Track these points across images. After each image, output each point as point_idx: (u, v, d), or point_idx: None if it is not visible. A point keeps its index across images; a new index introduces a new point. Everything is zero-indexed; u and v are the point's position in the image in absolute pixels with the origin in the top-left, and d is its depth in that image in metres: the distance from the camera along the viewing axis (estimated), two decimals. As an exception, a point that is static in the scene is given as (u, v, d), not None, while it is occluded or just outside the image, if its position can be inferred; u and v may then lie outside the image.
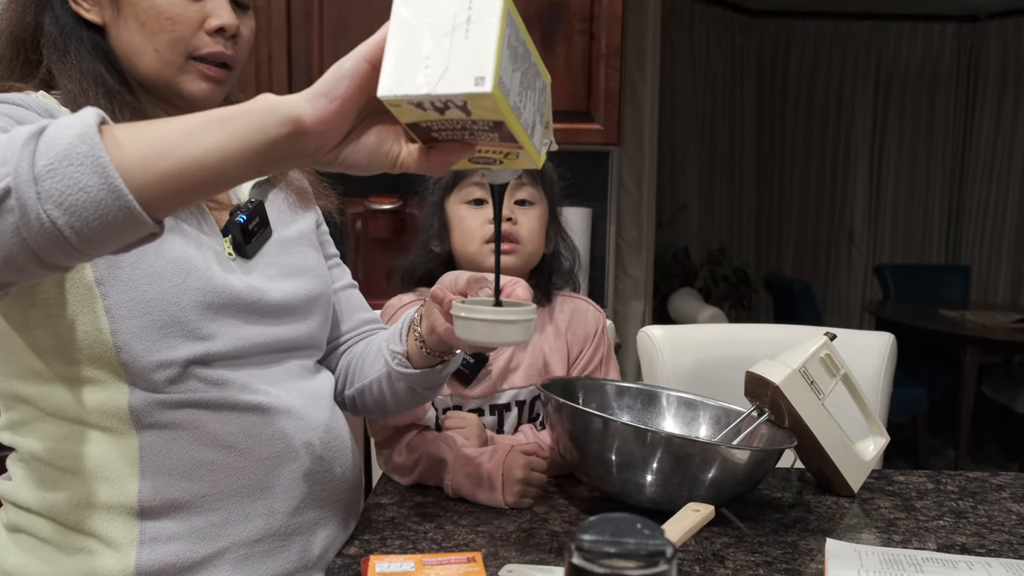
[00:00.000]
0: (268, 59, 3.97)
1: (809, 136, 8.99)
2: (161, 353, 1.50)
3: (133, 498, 1.51)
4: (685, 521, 1.57)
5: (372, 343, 1.91)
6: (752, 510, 1.92)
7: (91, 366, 1.49)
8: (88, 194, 1.07)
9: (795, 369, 1.94)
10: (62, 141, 1.07)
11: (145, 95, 1.63)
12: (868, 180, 8.96)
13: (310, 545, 1.66)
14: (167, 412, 1.52)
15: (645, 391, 2.17)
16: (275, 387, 1.64)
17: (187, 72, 1.60)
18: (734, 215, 8.95)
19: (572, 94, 3.95)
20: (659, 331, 2.71)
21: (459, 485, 1.95)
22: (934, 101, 8.85)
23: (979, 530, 1.84)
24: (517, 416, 2.17)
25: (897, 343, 2.70)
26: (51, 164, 1.07)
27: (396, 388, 1.81)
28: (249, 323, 1.61)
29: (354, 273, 4.12)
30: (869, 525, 1.86)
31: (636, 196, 5.05)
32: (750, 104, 8.85)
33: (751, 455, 1.78)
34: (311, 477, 1.66)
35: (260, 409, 1.60)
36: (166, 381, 1.51)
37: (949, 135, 8.86)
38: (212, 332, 1.55)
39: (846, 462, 2.00)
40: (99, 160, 1.07)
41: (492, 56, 1.11)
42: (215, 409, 1.55)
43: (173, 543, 1.52)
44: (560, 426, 1.87)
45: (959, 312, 6.67)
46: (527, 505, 1.92)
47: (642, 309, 5.10)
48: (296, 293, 1.72)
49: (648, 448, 1.73)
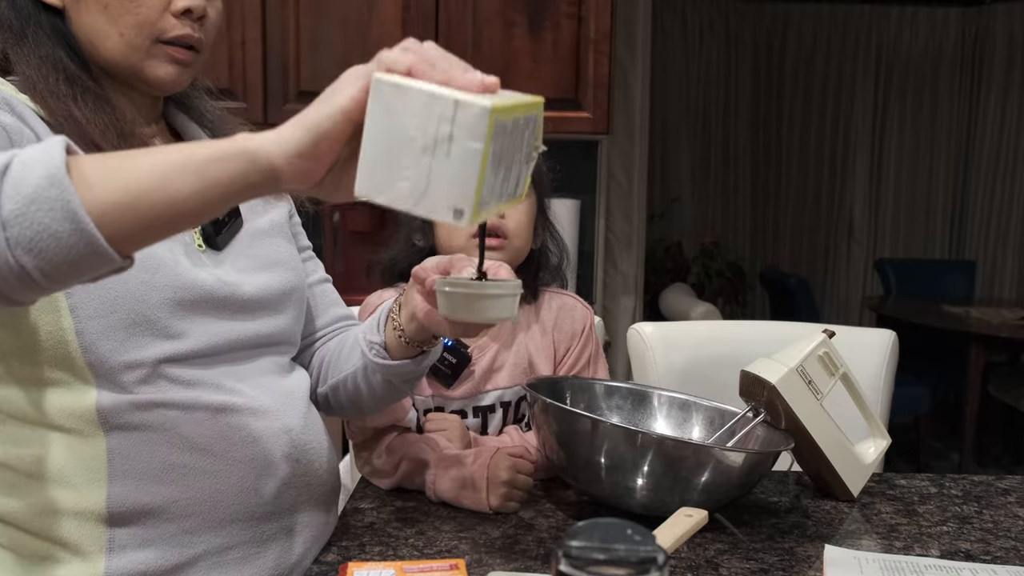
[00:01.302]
0: (242, 43, 3.98)
1: (807, 125, 8.98)
2: (129, 353, 1.50)
3: (101, 504, 1.50)
4: (677, 527, 1.57)
5: (347, 337, 1.91)
6: (747, 515, 1.92)
7: (55, 367, 1.48)
8: (59, 240, 1.10)
9: (792, 368, 1.94)
10: (29, 183, 1.09)
11: (107, 80, 1.62)
12: (869, 171, 8.96)
13: (288, 551, 1.66)
14: (136, 413, 1.51)
15: (635, 391, 2.17)
16: (249, 386, 1.63)
17: (154, 56, 1.59)
18: (728, 207, 8.96)
19: (560, 81, 3.96)
20: (650, 328, 2.71)
21: (442, 488, 1.95)
22: (937, 88, 8.84)
23: (984, 536, 1.84)
24: (502, 418, 2.17)
25: (899, 341, 2.71)
26: (19, 209, 1.08)
27: (372, 381, 1.81)
28: (221, 319, 1.61)
29: (331, 268, 4.12)
30: (869, 531, 1.87)
31: (626, 187, 5.05)
32: (745, 92, 8.86)
33: (746, 458, 1.78)
34: (287, 480, 1.65)
35: (234, 410, 1.59)
36: (135, 381, 1.51)
37: (953, 124, 8.87)
38: (182, 330, 1.55)
39: (845, 465, 2.00)
40: (69, 205, 1.09)
41: (473, 187, 1.12)
42: (187, 410, 1.55)
43: (144, 550, 1.52)
44: (547, 428, 1.87)
45: (963, 308, 6.69)
46: (512, 509, 1.92)
47: (632, 306, 5.10)
48: (270, 286, 1.71)
49: (639, 450, 1.74)
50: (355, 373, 1.83)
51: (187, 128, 1.78)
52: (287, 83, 4.06)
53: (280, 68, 4.04)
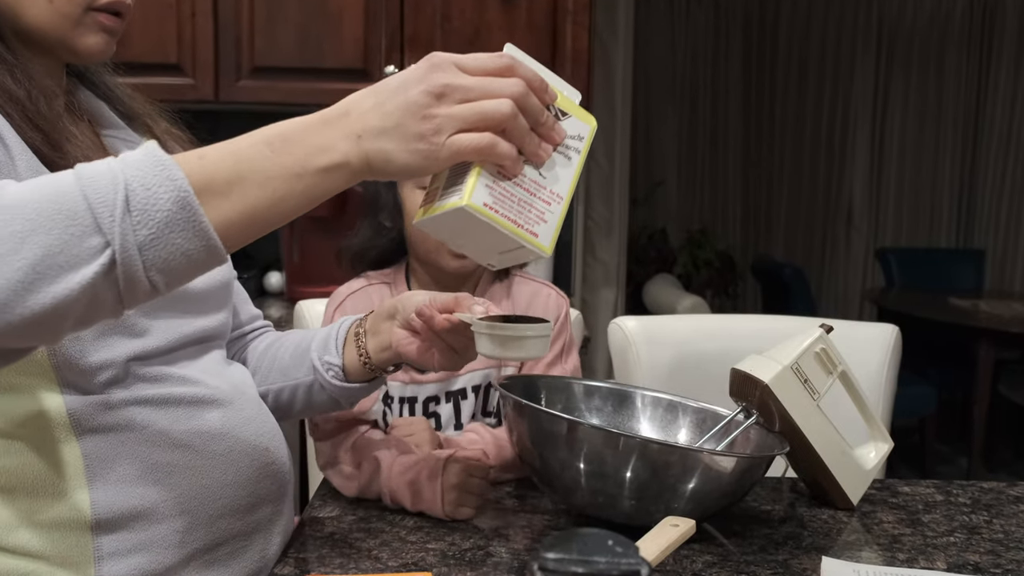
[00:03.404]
0: (192, 15, 3.98)
1: (802, 103, 9.01)
2: (99, 353, 1.52)
3: (85, 511, 1.52)
4: (662, 537, 1.57)
5: (283, 346, 1.97)
6: (738, 525, 1.93)
7: (20, 372, 1.49)
8: (190, 257, 1.24)
9: (786, 366, 1.95)
10: (161, 208, 1.21)
11: (26, 50, 1.59)
12: (869, 153, 8.99)
13: (268, 543, 1.74)
14: (109, 414, 1.54)
15: (617, 391, 2.18)
16: (211, 378, 1.69)
17: (84, 24, 1.58)
18: (718, 192, 8.99)
19: (535, 54, 3.92)
20: (633, 323, 2.71)
21: (398, 495, 1.98)
22: (944, 63, 8.86)
23: (994, 547, 1.85)
24: (473, 404, 2.23)
25: (902, 336, 2.72)
26: (154, 234, 1.21)
27: (317, 398, 1.91)
28: (177, 315, 1.66)
29: (288, 257, 4.09)
30: (870, 542, 1.88)
31: (607, 170, 5.06)
32: (736, 66, 8.88)
33: (737, 463, 1.79)
34: (262, 471, 1.71)
35: (204, 402, 1.65)
36: (105, 382, 1.53)
37: (961, 102, 8.88)
38: (146, 327, 1.60)
39: (844, 471, 2.01)
40: (201, 226, 1.23)
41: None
42: (160, 406, 1.59)
43: (135, 555, 1.55)
44: (520, 429, 1.87)
45: (972, 301, 6.72)
46: (467, 515, 1.94)
47: (614, 298, 5.11)
48: (215, 279, 1.77)
49: (621, 455, 1.74)
50: (298, 386, 1.91)
51: (94, 107, 1.77)
52: (240, 58, 4.05)
53: (233, 42, 4.03)
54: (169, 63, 3.98)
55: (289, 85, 4.07)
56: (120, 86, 1.84)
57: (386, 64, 4.03)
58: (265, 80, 4.08)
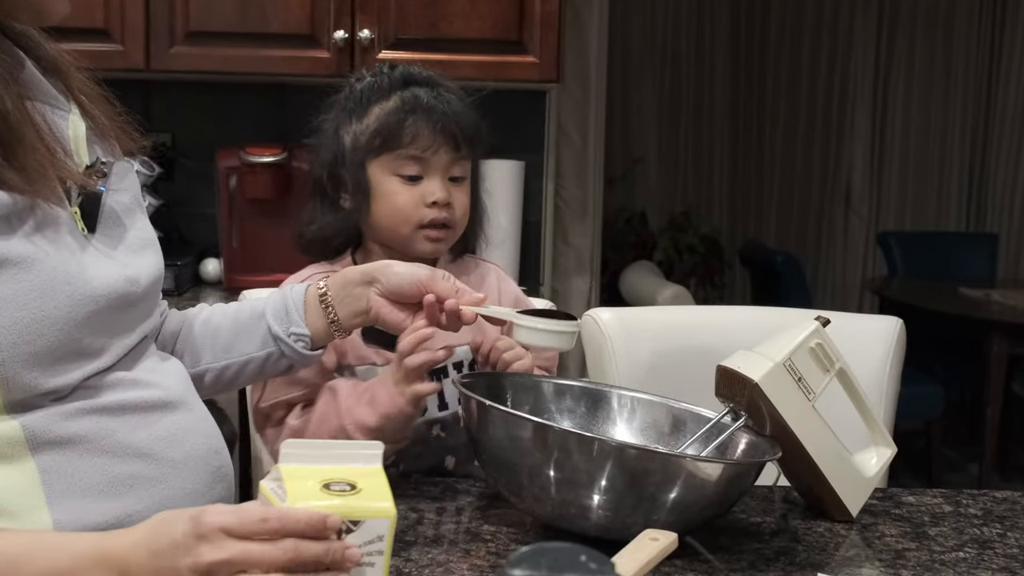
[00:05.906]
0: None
1: (796, 74, 9.02)
2: (55, 379, 1.55)
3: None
4: (641, 552, 1.58)
5: (215, 324, 2.03)
6: (725, 539, 1.93)
7: None
8: None
9: (778, 363, 1.95)
10: None
11: None
12: (870, 128, 9.01)
13: None
14: (63, 424, 1.56)
15: (591, 390, 2.18)
16: (160, 377, 1.74)
17: None
18: (702, 171, 9.00)
19: (500, 19, 3.95)
20: (608, 315, 2.72)
21: (357, 413, 2.08)
22: (952, 29, 8.87)
23: (1008, 564, 1.86)
24: None
25: (906, 330, 2.73)
26: None
27: (271, 370, 2.02)
28: (126, 319, 1.69)
29: (227, 242, 4.07)
30: (871, 557, 1.89)
31: (580, 146, 5.06)
32: (723, 33, 8.89)
33: (723, 470, 1.79)
34: (214, 475, 1.76)
35: (160, 405, 1.69)
36: (58, 399, 1.56)
37: (971, 72, 8.91)
38: (102, 346, 1.62)
39: (842, 479, 2.02)
40: None
41: None
42: (116, 413, 1.62)
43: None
44: (483, 434, 1.87)
45: (984, 291, 6.73)
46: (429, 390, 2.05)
47: (587, 287, 5.12)
48: (154, 274, 1.79)
49: (595, 461, 1.74)
50: (249, 361, 1.99)
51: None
52: (174, 23, 4.02)
53: (166, 5, 4.00)
54: (95, 27, 3.95)
55: (228, 52, 4.02)
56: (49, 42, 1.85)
57: (335, 29, 3.98)
58: (201, 46, 4.04)
